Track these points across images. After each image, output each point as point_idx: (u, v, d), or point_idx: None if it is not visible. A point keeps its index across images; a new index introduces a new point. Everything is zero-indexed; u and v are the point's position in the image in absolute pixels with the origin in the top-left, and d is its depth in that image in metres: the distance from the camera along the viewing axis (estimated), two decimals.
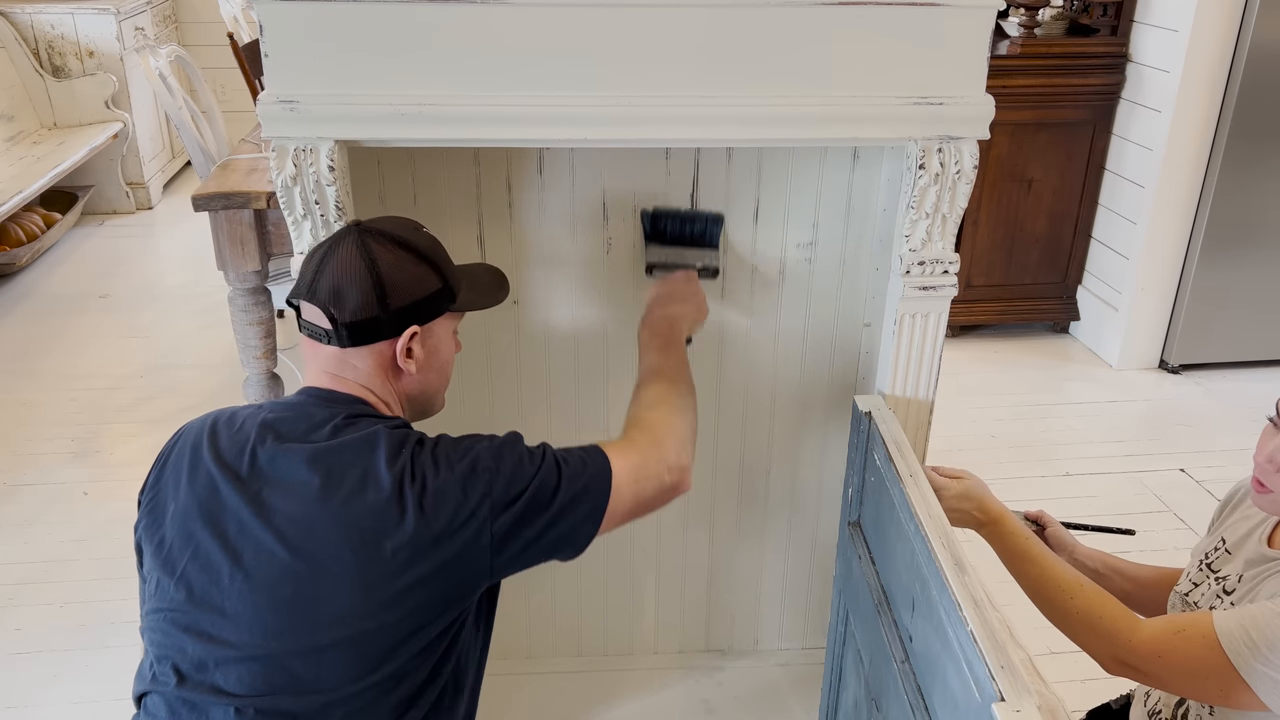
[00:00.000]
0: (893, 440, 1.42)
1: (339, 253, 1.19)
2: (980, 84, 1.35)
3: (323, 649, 1.09)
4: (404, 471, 1.13)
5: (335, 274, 1.18)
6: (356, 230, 1.21)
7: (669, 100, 1.32)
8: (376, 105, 1.30)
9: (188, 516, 1.15)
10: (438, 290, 1.23)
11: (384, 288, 1.18)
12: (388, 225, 1.23)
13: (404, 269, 1.20)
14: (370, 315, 1.18)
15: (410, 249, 1.21)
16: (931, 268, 1.45)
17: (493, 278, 1.39)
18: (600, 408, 1.82)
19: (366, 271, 1.17)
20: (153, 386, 3.39)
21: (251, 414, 1.21)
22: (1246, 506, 1.35)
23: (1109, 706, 1.56)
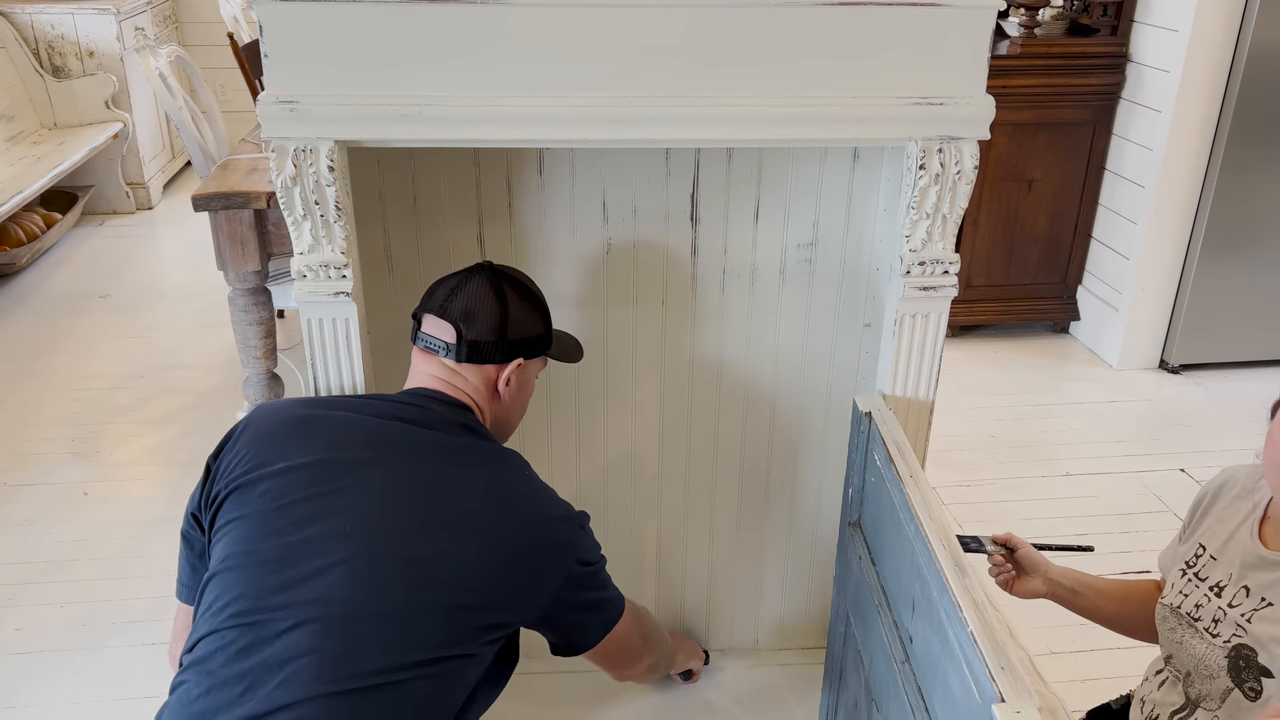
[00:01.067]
0: (893, 441, 1.42)
1: (473, 283, 1.37)
2: (980, 84, 1.35)
3: (410, 611, 1.14)
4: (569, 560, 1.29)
5: (469, 299, 1.36)
6: (489, 268, 1.40)
7: (669, 100, 1.32)
8: (376, 106, 1.30)
9: (310, 471, 1.21)
10: (541, 334, 1.43)
11: (507, 320, 1.37)
12: (514, 272, 1.44)
13: (524, 310, 1.39)
14: (491, 339, 1.36)
15: (530, 296, 1.42)
16: (932, 268, 1.45)
17: (575, 341, 1.58)
18: (600, 408, 1.82)
19: (497, 304, 1.36)
20: (153, 386, 3.39)
21: (360, 400, 1.35)
22: (1221, 507, 1.34)
23: (1109, 707, 1.56)
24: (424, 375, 1.37)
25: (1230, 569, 1.27)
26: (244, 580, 1.15)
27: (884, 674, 1.37)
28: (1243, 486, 1.32)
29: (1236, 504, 1.31)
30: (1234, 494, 1.33)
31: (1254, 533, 1.26)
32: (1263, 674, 1.19)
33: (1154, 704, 1.37)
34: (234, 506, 1.22)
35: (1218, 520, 1.33)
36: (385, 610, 1.13)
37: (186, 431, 3.12)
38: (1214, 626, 1.26)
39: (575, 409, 1.82)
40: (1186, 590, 1.33)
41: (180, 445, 3.04)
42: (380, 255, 1.66)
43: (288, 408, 1.31)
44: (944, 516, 1.24)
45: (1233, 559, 1.27)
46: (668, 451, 1.87)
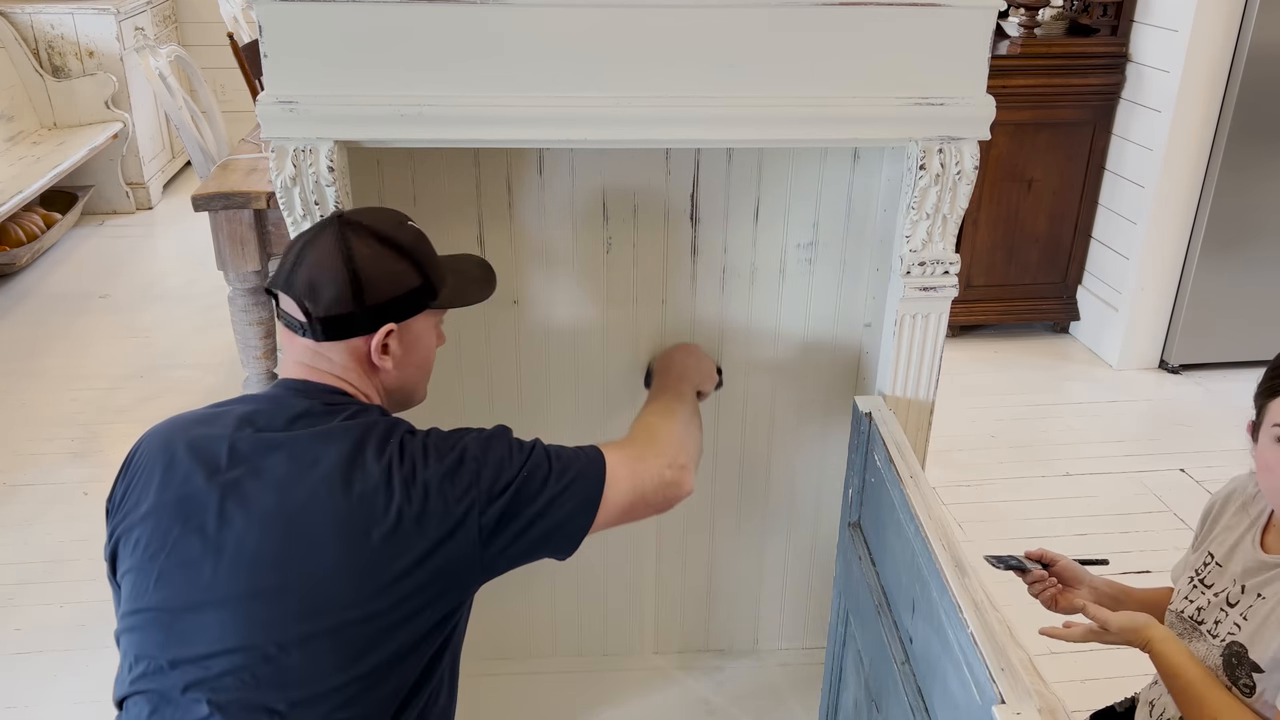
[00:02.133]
0: (893, 441, 1.42)
1: (318, 244, 1.17)
2: (981, 85, 1.35)
3: (307, 639, 1.07)
4: (392, 460, 1.11)
5: (312, 266, 1.16)
6: (338, 222, 1.19)
7: (669, 101, 1.32)
8: (376, 106, 1.30)
9: (164, 514, 1.12)
10: (417, 287, 1.20)
11: (360, 284, 1.16)
12: (371, 218, 1.21)
13: (382, 265, 1.17)
14: (345, 311, 1.16)
15: (392, 244, 1.19)
16: (932, 268, 1.45)
17: (481, 271, 1.37)
18: (600, 408, 1.82)
19: (343, 266, 1.15)
20: (153, 386, 3.39)
21: (226, 409, 1.19)
22: (1229, 516, 1.35)
23: (1113, 709, 1.56)
24: (291, 361, 1.22)
25: (1234, 576, 1.28)
26: (138, 644, 1.11)
27: (884, 674, 1.37)
28: (1248, 495, 1.33)
29: (1241, 513, 1.32)
30: (1240, 503, 1.34)
31: (1256, 540, 1.27)
32: (1254, 669, 1.20)
33: (1164, 706, 1.37)
34: (122, 558, 1.16)
35: (1225, 529, 1.34)
36: (271, 655, 1.06)
37: None
38: (1214, 627, 1.27)
39: (575, 409, 1.82)
40: (1193, 597, 1.33)
41: None
42: None
43: (161, 433, 1.19)
44: (944, 517, 1.24)
45: (1236, 566, 1.28)
46: None
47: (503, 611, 1.97)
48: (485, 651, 1.99)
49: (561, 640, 2.01)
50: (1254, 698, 1.21)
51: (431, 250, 1.25)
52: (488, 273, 1.38)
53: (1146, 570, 2.41)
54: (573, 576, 1.95)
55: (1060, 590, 1.43)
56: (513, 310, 1.73)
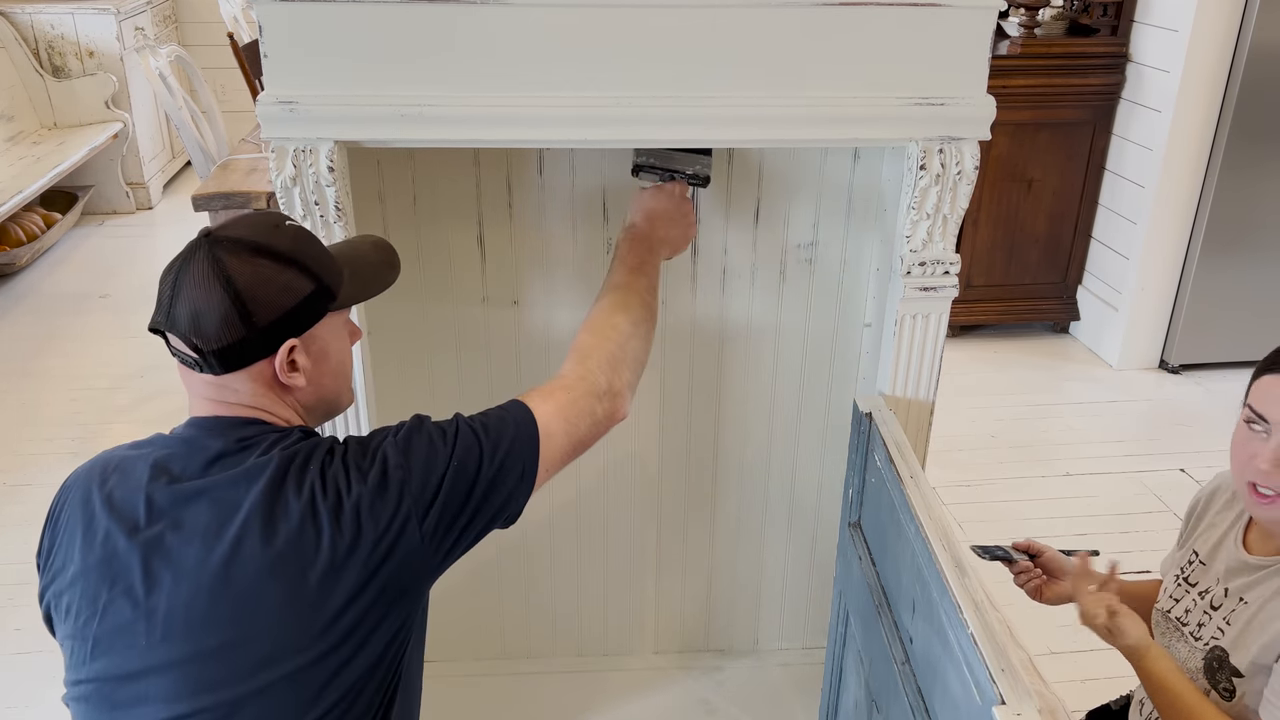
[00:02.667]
0: (893, 441, 1.42)
1: (190, 271, 1.06)
2: (981, 85, 1.35)
3: (260, 692, 1.01)
4: (314, 491, 1.05)
5: (190, 298, 1.05)
6: (206, 242, 1.07)
7: (669, 101, 1.32)
8: (376, 106, 1.30)
9: (89, 578, 1.05)
10: (310, 293, 1.09)
11: (245, 305, 1.05)
12: (242, 230, 1.09)
13: (265, 279, 1.06)
14: (236, 338, 1.05)
15: (269, 253, 1.07)
16: (932, 268, 1.45)
17: (379, 254, 1.25)
18: None
19: (223, 291, 1.04)
20: (153, 386, 3.39)
21: (141, 456, 1.11)
22: (1213, 514, 1.35)
23: (1109, 707, 1.56)
24: (198, 398, 1.12)
25: (1217, 575, 1.28)
26: (84, 716, 1.06)
27: (884, 674, 1.37)
28: (1232, 493, 1.33)
29: (1225, 511, 1.32)
30: (1224, 500, 1.34)
31: (1238, 539, 1.27)
32: (1234, 674, 1.21)
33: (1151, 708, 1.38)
34: (56, 623, 1.10)
35: (1210, 527, 1.34)
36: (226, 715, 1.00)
37: None
38: (1198, 630, 1.27)
39: None
40: (1178, 595, 1.33)
41: None
42: None
43: (81, 483, 1.13)
44: (944, 517, 1.24)
45: (1219, 565, 1.28)
46: (668, 452, 1.87)
47: (502, 612, 1.97)
48: (485, 652, 1.99)
49: (561, 640, 2.01)
50: (1233, 701, 1.22)
51: (318, 247, 1.13)
52: (387, 254, 1.26)
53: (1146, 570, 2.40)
54: (573, 576, 1.95)
55: (1045, 581, 1.45)
56: (513, 310, 1.73)
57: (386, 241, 1.27)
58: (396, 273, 1.26)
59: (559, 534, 1.91)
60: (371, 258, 1.23)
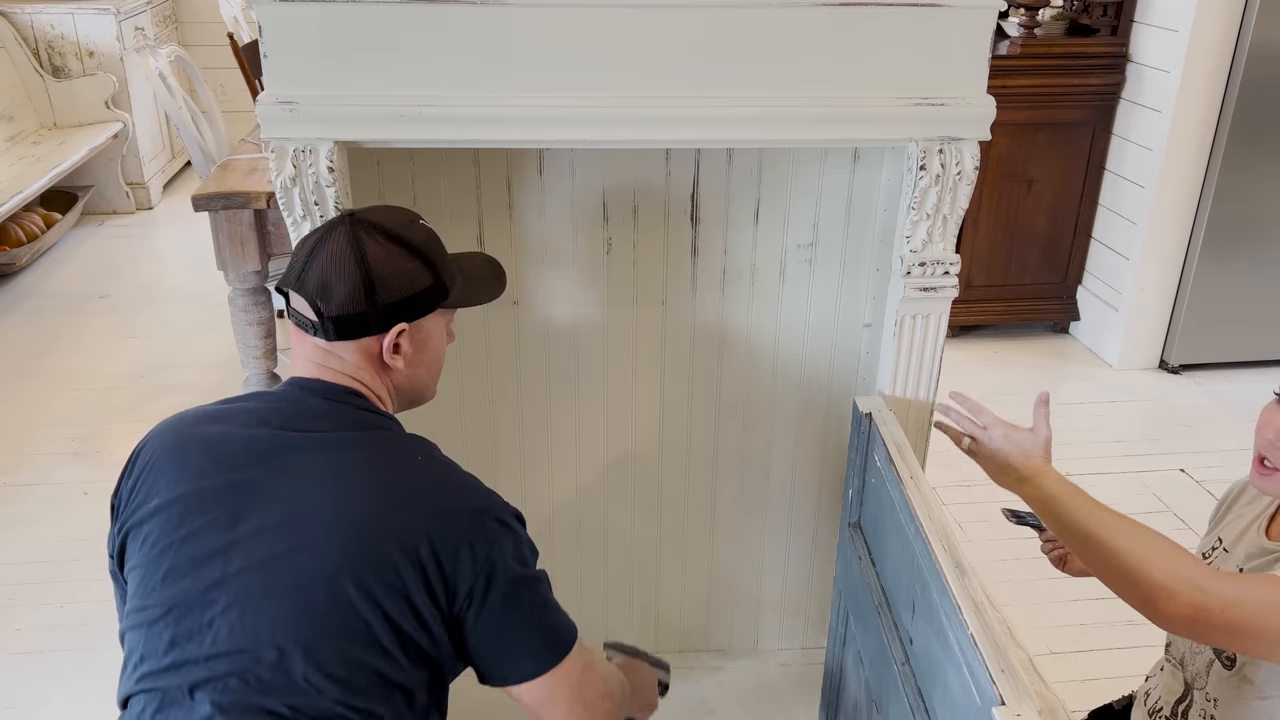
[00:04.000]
0: (893, 442, 1.42)
1: (329, 244, 1.15)
2: (981, 85, 1.35)
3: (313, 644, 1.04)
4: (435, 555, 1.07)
5: (324, 265, 1.15)
6: (349, 220, 1.17)
7: (669, 101, 1.32)
8: (376, 106, 1.30)
9: (176, 509, 1.10)
10: (429, 287, 1.19)
11: (373, 283, 1.14)
12: (382, 217, 1.20)
13: (395, 264, 1.16)
14: (357, 310, 1.15)
15: (403, 243, 1.18)
16: (932, 269, 1.45)
17: (490, 270, 1.36)
18: (600, 408, 1.82)
19: (355, 265, 1.14)
20: (153, 386, 3.39)
21: (238, 405, 1.19)
22: (1242, 505, 1.36)
23: (1111, 707, 1.56)
24: (302, 360, 1.20)
25: (1237, 562, 1.29)
26: (143, 641, 1.09)
27: (884, 675, 1.37)
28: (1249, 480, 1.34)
29: (1255, 502, 1.33)
30: (1253, 493, 1.35)
31: (1261, 528, 1.28)
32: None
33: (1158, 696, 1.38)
34: (130, 554, 1.14)
35: (1237, 517, 1.35)
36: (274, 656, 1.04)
37: None
38: None
39: (575, 409, 1.82)
40: None
41: None
42: None
43: (170, 429, 1.18)
44: (944, 518, 1.24)
45: (1240, 552, 1.29)
46: (668, 452, 1.87)
47: None
48: None
49: None
50: (1233, 670, 1.23)
51: (442, 249, 1.24)
52: (498, 271, 1.37)
53: None
54: (573, 576, 1.95)
55: (1068, 551, 1.46)
56: (513, 310, 1.73)
57: (497, 261, 1.39)
58: (502, 288, 1.36)
59: (559, 534, 1.91)
60: (484, 270, 1.36)
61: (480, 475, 1.18)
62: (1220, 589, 1.07)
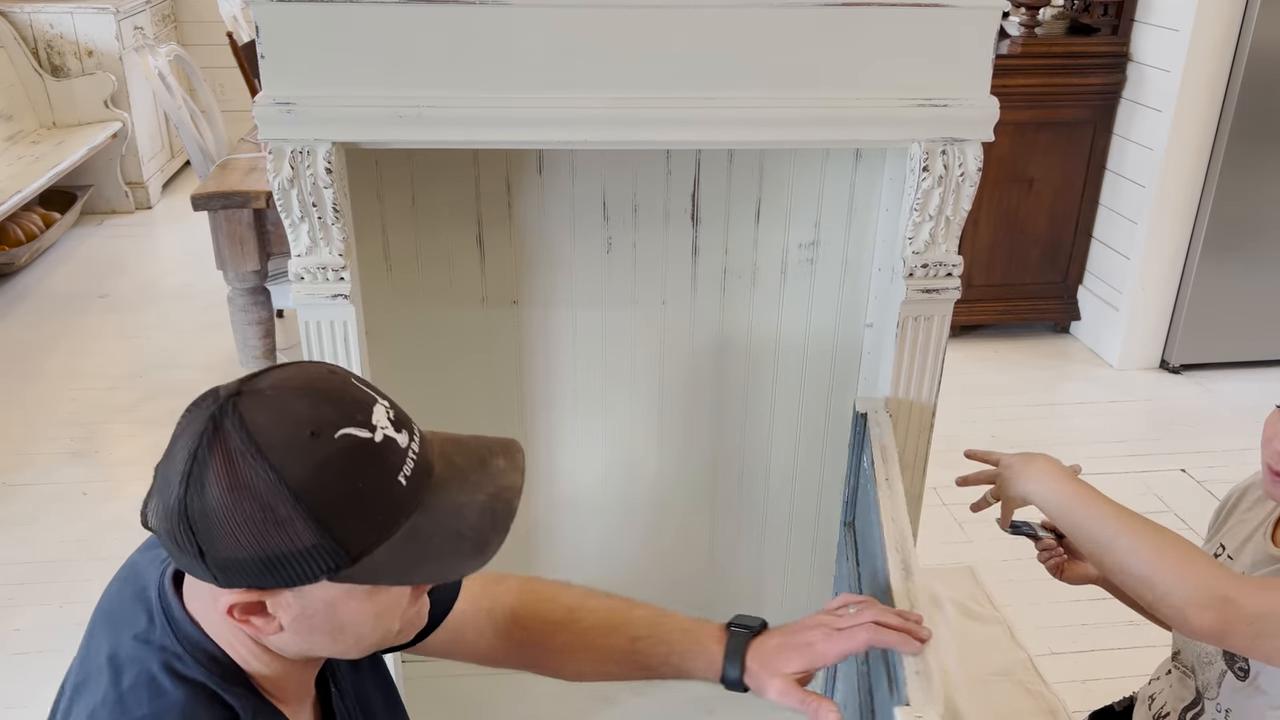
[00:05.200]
0: (879, 444, 1.42)
1: (185, 432, 0.77)
2: (984, 86, 1.34)
3: None
4: None
5: (166, 460, 0.78)
6: (220, 404, 0.76)
7: (669, 102, 1.32)
8: (374, 107, 1.29)
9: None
10: (304, 550, 0.74)
11: (195, 532, 0.74)
12: (265, 415, 0.75)
13: (236, 511, 0.73)
14: (180, 551, 0.77)
15: (268, 476, 0.73)
16: (935, 270, 1.45)
17: (480, 523, 0.82)
18: (599, 408, 1.81)
19: (178, 491, 0.75)
20: (153, 386, 3.39)
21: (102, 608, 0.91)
22: (1244, 510, 1.35)
23: (1112, 708, 1.56)
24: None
25: (1244, 568, 1.28)
26: None
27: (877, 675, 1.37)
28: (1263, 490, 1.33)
29: (1257, 507, 1.32)
30: (1255, 497, 1.34)
31: (1268, 534, 1.27)
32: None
33: (1164, 702, 1.38)
34: None
35: (1239, 522, 1.34)
36: None
37: None
38: None
39: (574, 409, 1.81)
40: None
41: None
42: (379, 257, 1.66)
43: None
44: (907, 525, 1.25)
45: (1246, 559, 1.28)
46: (667, 452, 1.87)
47: None
48: None
49: None
50: (1246, 681, 1.22)
51: (350, 481, 0.75)
52: (490, 526, 0.83)
53: None
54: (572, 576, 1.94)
55: (1067, 560, 1.45)
56: (512, 310, 1.72)
57: (510, 502, 0.85)
58: (485, 558, 0.83)
59: (559, 534, 1.91)
60: (466, 523, 0.81)
61: None
62: (1249, 600, 1.05)
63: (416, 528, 0.78)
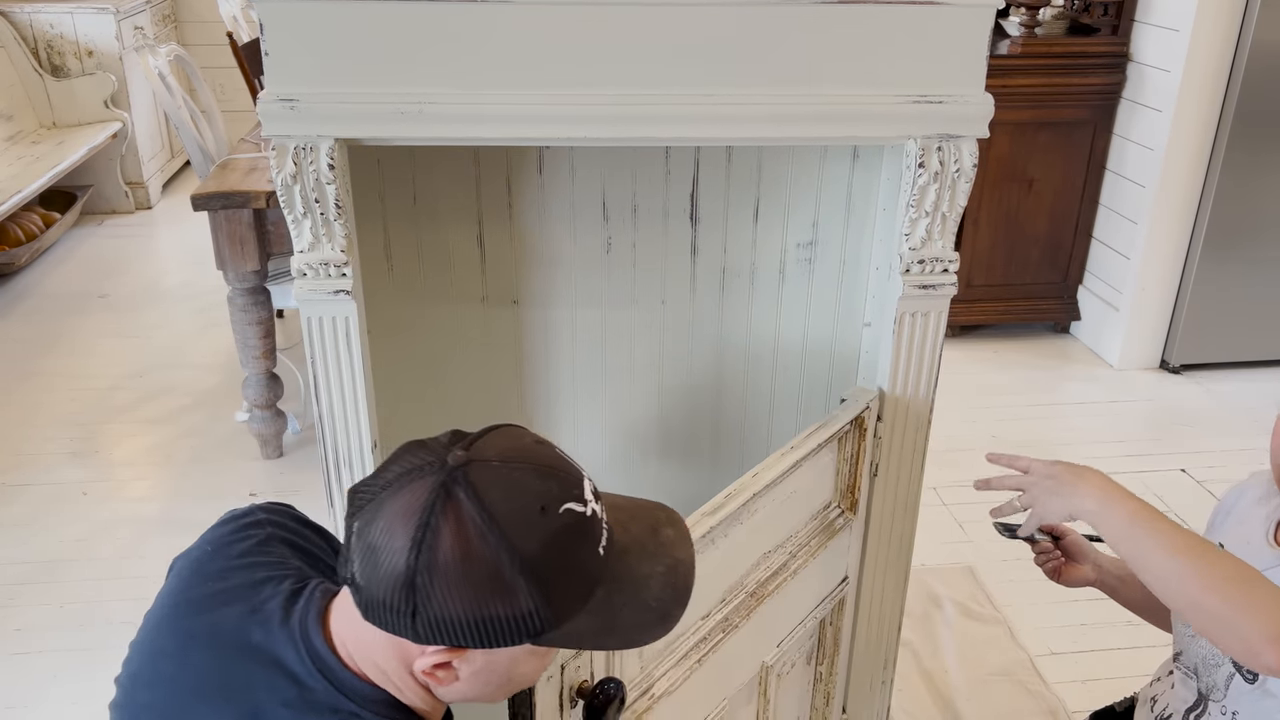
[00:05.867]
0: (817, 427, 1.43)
1: (407, 490, 0.79)
2: (980, 83, 1.35)
3: None
4: None
5: (386, 520, 0.79)
6: (454, 473, 0.79)
7: (668, 99, 1.32)
8: (377, 104, 1.29)
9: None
10: (520, 616, 0.79)
11: (414, 590, 0.77)
12: (503, 487, 0.79)
13: (465, 578, 0.77)
14: (392, 606, 0.79)
15: (505, 546, 0.77)
16: (931, 266, 1.45)
17: (663, 594, 0.87)
18: (599, 407, 1.82)
19: (407, 551, 0.77)
20: (152, 386, 3.39)
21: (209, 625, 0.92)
22: (1243, 509, 1.35)
23: (1112, 708, 1.56)
24: (340, 607, 0.89)
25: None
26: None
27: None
28: (1264, 490, 1.33)
29: (1257, 508, 1.32)
30: (1256, 497, 1.34)
31: (1269, 534, 1.27)
32: None
33: (1166, 703, 1.37)
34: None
35: (1238, 522, 1.33)
36: None
37: (186, 432, 3.12)
38: None
39: (574, 409, 1.82)
40: None
41: (179, 445, 3.04)
42: (380, 254, 1.66)
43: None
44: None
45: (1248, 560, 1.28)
46: (666, 451, 1.87)
47: None
48: None
49: None
50: (1255, 684, 1.21)
51: (573, 556, 0.81)
52: (672, 597, 0.87)
53: None
54: None
55: (1064, 563, 1.44)
56: (512, 310, 1.72)
57: (688, 576, 0.89)
58: (668, 629, 0.87)
59: None
60: (651, 594, 0.85)
61: None
62: None
63: (609, 596, 0.83)
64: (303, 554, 1.00)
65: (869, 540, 1.63)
